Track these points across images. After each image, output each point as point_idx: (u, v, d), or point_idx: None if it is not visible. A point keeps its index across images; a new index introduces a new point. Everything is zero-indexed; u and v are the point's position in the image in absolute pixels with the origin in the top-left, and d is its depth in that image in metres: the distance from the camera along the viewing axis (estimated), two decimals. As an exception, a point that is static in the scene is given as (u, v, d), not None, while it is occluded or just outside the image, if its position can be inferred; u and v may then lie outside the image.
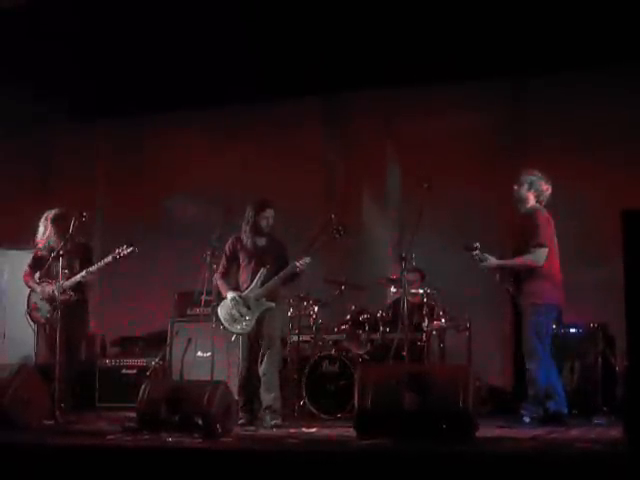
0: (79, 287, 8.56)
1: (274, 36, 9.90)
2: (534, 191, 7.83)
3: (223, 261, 8.26)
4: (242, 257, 8.20)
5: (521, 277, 7.67)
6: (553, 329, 7.89)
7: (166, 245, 11.52)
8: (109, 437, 6.40)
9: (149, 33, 9.85)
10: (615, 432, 6.71)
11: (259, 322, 8.02)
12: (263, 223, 8.12)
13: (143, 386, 6.89)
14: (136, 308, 11.42)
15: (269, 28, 9.78)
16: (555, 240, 7.72)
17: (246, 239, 8.18)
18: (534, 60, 10.03)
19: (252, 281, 8.07)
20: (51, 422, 7.51)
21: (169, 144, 12.03)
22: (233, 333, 8.09)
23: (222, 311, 8.10)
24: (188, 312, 10.22)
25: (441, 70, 10.29)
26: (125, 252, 8.45)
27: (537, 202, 7.83)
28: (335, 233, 8.10)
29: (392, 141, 11.23)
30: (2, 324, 12.40)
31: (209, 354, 8.40)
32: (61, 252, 8.16)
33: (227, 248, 8.26)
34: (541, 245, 7.56)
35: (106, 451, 5.79)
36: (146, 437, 6.35)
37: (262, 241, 8.18)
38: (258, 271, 8.06)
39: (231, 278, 8.28)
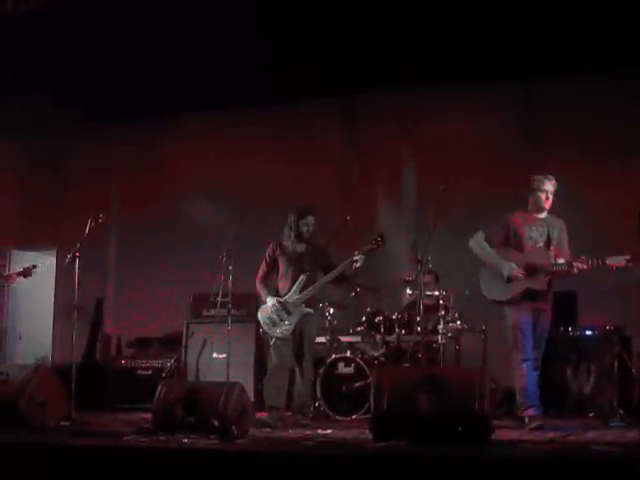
0: None
1: (291, 37, 9.93)
2: None
3: (263, 266, 8.45)
4: (282, 262, 8.38)
5: (552, 279, 7.57)
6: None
7: (182, 246, 11.56)
8: (125, 438, 6.42)
9: (167, 35, 9.90)
10: (631, 434, 6.70)
11: (298, 326, 8.20)
12: (304, 229, 8.33)
13: (159, 387, 6.89)
14: (152, 309, 11.45)
15: (286, 29, 9.81)
16: None
17: (287, 245, 8.37)
18: (548, 62, 10.01)
19: (291, 286, 8.24)
20: (67, 423, 7.52)
21: (185, 146, 12.07)
22: (272, 336, 8.25)
23: (262, 315, 8.30)
24: (204, 313, 10.25)
25: (456, 72, 10.30)
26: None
27: None
28: (374, 243, 8.31)
29: (408, 143, 11.24)
30: (18, 325, 12.50)
31: (225, 355, 8.41)
32: (77, 253, 8.15)
33: (267, 253, 8.46)
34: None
35: (121, 452, 5.80)
36: (162, 438, 6.36)
37: (302, 247, 8.37)
38: (298, 277, 8.24)
39: (270, 282, 8.44)
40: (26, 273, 8.55)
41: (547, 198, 7.63)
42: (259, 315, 8.33)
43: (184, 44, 10.09)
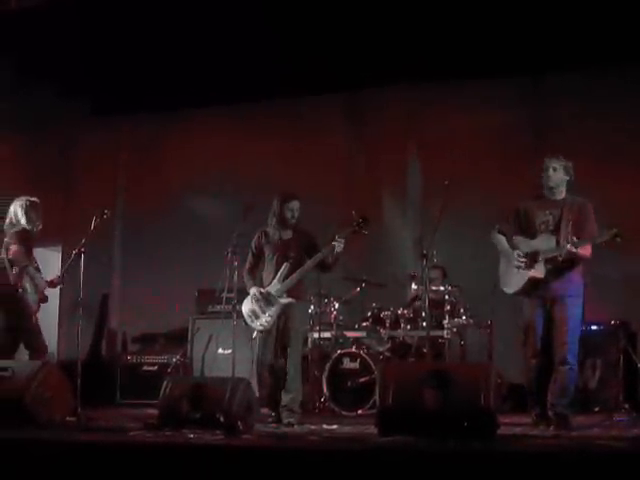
0: None
1: (296, 33, 9.93)
2: (569, 178, 7.36)
3: (249, 256, 8.14)
4: (267, 251, 8.06)
5: (565, 267, 7.16)
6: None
7: (187, 242, 11.55)
8: (130, 434, 6.42)
9: (172, 29, 9.89)
10: (637, 429, 6.70)
11: (280, 318, 7.88)
12: (288, 215, 7.99)
13: (164, 383, 6.91)
14: (157, 305, 11.45)
15: (291, 24, 9.80)
16: None
17: (272, 232, 8.08)
18: (555, 57, 9.97)
19: (275, 275, 7.96)
20: (73, 419, 7.52)
21: (190, 141, 12.04)
22: (254, 329, 8.03)
23: (245, 307, 8.00)
24: (209, 309, 10.25)
25: (462, 68, 10.27)
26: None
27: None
28: (356, 226, 7.94)
29: (413, 138, 11.20)
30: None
31: (230, 351, 8.39)
32: (83, 249, 8.13)
33: (253, 243, 8.15)
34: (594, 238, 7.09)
35: (127, 448, 5.80)
36: (167, 434, 6.37)
37: (288, 234, 8.06)
38: (281, 265, 7.92)
39: (258, 273, 8.16)
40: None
41: (547, 177, 7.29)
42: (243, 308, 8.00)
43: (190, 38, 10.08)
